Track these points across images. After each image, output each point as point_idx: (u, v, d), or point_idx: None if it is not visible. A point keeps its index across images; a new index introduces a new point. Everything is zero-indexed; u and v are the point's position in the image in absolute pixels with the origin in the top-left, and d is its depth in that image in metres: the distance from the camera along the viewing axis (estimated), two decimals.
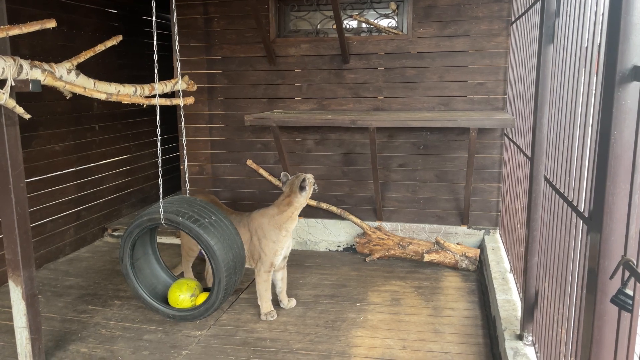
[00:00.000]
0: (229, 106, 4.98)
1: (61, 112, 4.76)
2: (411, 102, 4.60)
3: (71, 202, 4.93)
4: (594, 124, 1.85)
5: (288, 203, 3.52)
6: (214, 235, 3.07)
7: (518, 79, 3.78)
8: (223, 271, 3.06)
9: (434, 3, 4.40)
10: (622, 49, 1.49)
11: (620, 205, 1.54)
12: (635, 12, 1.47)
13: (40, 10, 4.45)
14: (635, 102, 1.47)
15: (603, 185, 1.58)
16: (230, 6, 4.79)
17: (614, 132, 1.52)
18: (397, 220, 4.84)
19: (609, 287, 1.60)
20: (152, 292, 3.44)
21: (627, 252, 1.50)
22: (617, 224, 1.56)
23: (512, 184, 3.88)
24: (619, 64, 1.50)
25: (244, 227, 3.61)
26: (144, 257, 3.53)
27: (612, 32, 1.54)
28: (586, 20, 2.05)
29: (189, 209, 3.15)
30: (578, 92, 2.11)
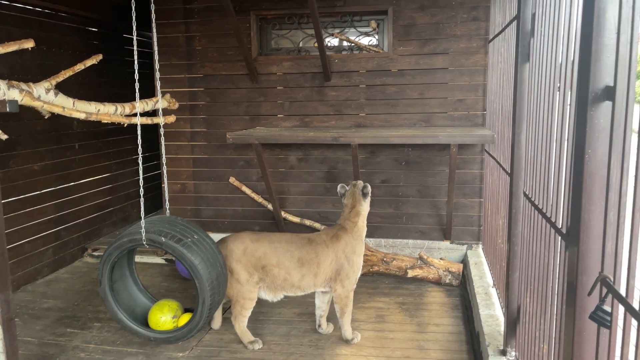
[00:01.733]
0: (211, 124, 4.97)
1: (40, 131, 4.70)
2: (392, 118, 4.65)
3: (50, 222, 4.84)
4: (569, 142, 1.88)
5: (356, 213, 3.41)
6: (197, 254, 3.04)
7: (497, 96, 3.85)
8: (207, 290, 3.03)
9: (414, 22, 4.47)
10: (594, 69, 1.52)
11: (596, 223, 1.57)
12: (606, 34, 1.51)
13: (19, 29, 4.41)
14: (608, 121, 1.50)
15: (579, 203, 1.61)
16: (212, 25, 4.80)
17: (588, 151, 1.56)
18: (380, 236, 4.85)
19: (587, 304, 1.61)
20: (131, 315, 3.38)
21: (604, 268, 1.53)
22: (593, 241, 1.59)
23: (493, 199, 3.92)
24: (592, 84, 1.54)
25: (324, 250, 3.29)
26: (122, 279, 3.48)
27: (584, 53, 1.58)
28: (559, 40, 2.10)
29: (171, 229, 3.12)
30: (553, 110, 2.16)
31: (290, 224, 4.96)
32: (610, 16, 1.49)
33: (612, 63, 1.48)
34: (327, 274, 3.29)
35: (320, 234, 3.41)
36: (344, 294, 3.33)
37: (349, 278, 3.33)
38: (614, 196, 1.47)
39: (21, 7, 4.42)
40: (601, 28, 1.50)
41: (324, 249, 3.29)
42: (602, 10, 1.49)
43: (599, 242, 1.57)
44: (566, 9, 2.02)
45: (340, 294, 3.33)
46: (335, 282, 3.32)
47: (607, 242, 1.51)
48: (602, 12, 1.49)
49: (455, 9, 4.39)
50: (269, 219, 5.02)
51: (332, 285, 3.34)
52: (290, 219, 4.91)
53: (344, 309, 3.36)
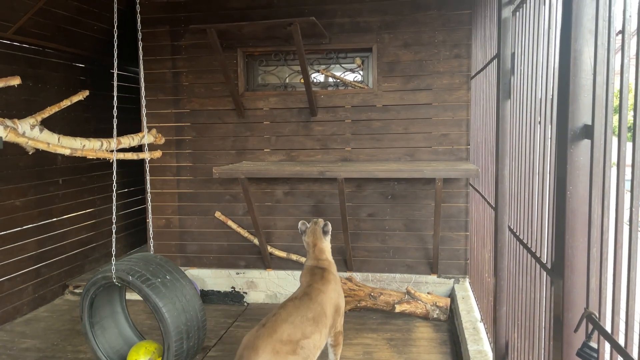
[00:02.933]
0: (197, 158, 4.97)
1: (23, 167, 4.66)
2: (378, 152, 4.69)
3: (30, 259, 4.74)
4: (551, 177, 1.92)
5: (320, 250, 3.38)
6: (164, 296, 2.91)
7: (480, 131, 3.92)
8: (172, 336, 2.88)
9: (397, 59, 4.57)
10: (572, 108, 1.57)
11: (579, 258, 1.58)
12: (583, 75, 1.57)
13: (5, 65, 4.41)
14: (588, 159, 1.54)
15: (562, 239, 1.63)
16: (199, 61, 4.86)
17: (569, 187, 1.59)
18: (367, 270, 4.82)
19: (574, 340, 1.61)
20: (117, 354, 3.28)
21: (589, 304, 1.53)
22: (578, 276, 1.60)
23: (479, 232, 3.94)
24: (570, 122, 1.58)
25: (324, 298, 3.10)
26: (112, 315, 3.39)
27: (562, 93, 1.63)
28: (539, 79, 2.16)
29: (142, 267, 3.03)
30: (535, 146, 2.20)
31: (276, 258, 4.92)
32: (586, 57, 1.54)
33: (589, 103, 1.53)
34: (330, 319, 3.11)
35: (312, 284, 3.17)
36: (341, 330, 3.28)
37: (342, 315, 3.29)
38: (596, 232, 1.49)
39: (8, 43, 4.44)
40: (578, 69, 1.55)
41: (324, 297, 3.10)
42: (578, 52, 1.55)
43: (583, 277, 1.58)
44: (544, 49, 2.09)
45: (338, 333, 3.24)
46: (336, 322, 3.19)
47: (591, 277, 1.53)
48: (578, 53, 1.55)
49: (437, 46, 4.51)
50: (255, 254, 4.97)
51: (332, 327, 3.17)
52: (276, 253, 4.87)
53: (340, 346, 3.28)
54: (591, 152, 1.50)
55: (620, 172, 1.36)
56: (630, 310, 1.30)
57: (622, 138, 1.35)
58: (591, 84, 1.53)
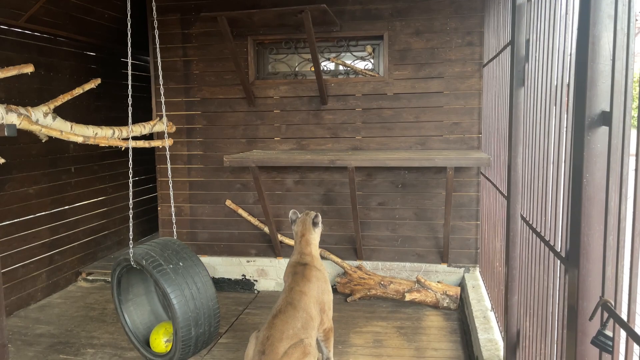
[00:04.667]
0: (208, 147, 4.98)
1: (36, 155, 4.70)
2: (389, 141, 4.67)
3: (44, 246, 4.80)
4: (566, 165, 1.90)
5: (307, 242, 3.34)
6: (173, 282, 2.94)
7: (492, 119, 3.88)
8: (179, 322, 2.92)
9: (409, 46, 4.54)
10: (589, 95, 1.55)
11: (595, 247, 1.57)
12: (601, 60, 1.54)
13: (17, 53, 4.44)
14: (605, 146, 1.52)
15: (578, 227, 1.61)
16: (210, 49, 4.85)
17: (586, 175, 1.57)
18: (377, 259, 4.83)
19: (588, 328, 1.60)
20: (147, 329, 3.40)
21: (605, 292, 1.52)
22: (593, 265, 1.59)
23: (490, 221, 3.92)
24: (588, 109, 1.56)
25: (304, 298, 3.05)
26: (146, 294, 3.51)
27: (579, 79, 1.60)
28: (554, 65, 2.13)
29: (158, 253, 3.06)
30: (550, 133, 2.18)
31: (286, 247, 4.93)
32: (605, 43, 1.51)
33: (607, 89, 1.51)
34: (317, 318, 3.09)
35: (293, 287, 3.10)
36: (330, 326, 3.23)
37: (330, 308, 3.24)
38: (613, 220, 1.47)
39: (20, 31, 4.46)
40: (596, 54, 1.53)
41: (307, 300, 3.05)
42: (596, 37, 1.52)
43: (599, 265, 1.57)
44: (560, 35, 2.06)
45: (328, 329, 3.23)
46: (322, 319, 3.17)
47: (607, 266, 1.51)
48: (596, 39, 1.52)
49: (449, 34, 4.46)
50: (266, 242, 4.99)
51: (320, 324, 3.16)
52: (287, 242, 4.89)
53: (331, 340, 3.27)
54: (609, 139, 1.48)
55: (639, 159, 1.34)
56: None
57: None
58: (610, 70, 1.50)
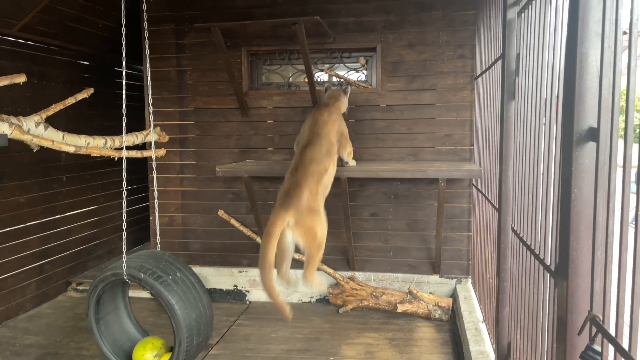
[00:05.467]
0: (200, 156, 4.97)
1: (28, 163, 4.67)
2: (381, 152, 4.69)
3: (34, 256, 4.76)
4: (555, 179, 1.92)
5: (335, 99, 4.00)
6: (176, 293, 2.97)
7: (483, 131, 3.92)
8: (184, 332, 2.94)
9: (402, 59, 4.57)
10: (577, 111, 1.57)
11: (584, 261, 1.58)
12: (589, 77, 1.56)
13: (10, 62, 4.43)
14: (593, 162, 1.54)
15: (567, 241, 1.63)
16: (204, 59, 4.87)
17: (574, 190, 1.58)
18: (369, 269, 4.82)
19: (577, 342, 1.61)
20: (118, 350, 3.31)
21: (593, 307, 1.53)
22: (582, 279, 1.60)
23: (481, 233, 3.94)
24: (576, 125, 1.58)
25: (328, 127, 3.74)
26: (114, 312, 3.42)
27: (568, 95, 1.63)
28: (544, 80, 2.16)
29: (153, 265, 3.07)
30: (539, 147, 2.20)
31: None
32: (592, 60, 1.54)
33: (595, 105, 1.53)
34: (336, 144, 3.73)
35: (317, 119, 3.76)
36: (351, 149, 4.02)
37: (348, 138, 3.96)
38: (600, 235, 1.49)
39: (13, 40, 4.46)
40: (584, 71, 1.55)
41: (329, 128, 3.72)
42: (584, 54, 1.55)
43: (587, 280, 1.58)
44: (549, 51, 2.09)
45: (349, 150, 3.99)
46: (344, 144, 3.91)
47: (595, 280, 1.53)
48: (584, 56, 1.55)
49: (442, 46, 4.51)
50: (258, 252, 4.97)
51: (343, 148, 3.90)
52: None
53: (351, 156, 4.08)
54: (597, 154, 1.50)
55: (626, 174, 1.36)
56: (634, 314, 1.30)
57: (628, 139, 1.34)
58: (597, 87, 1.53)
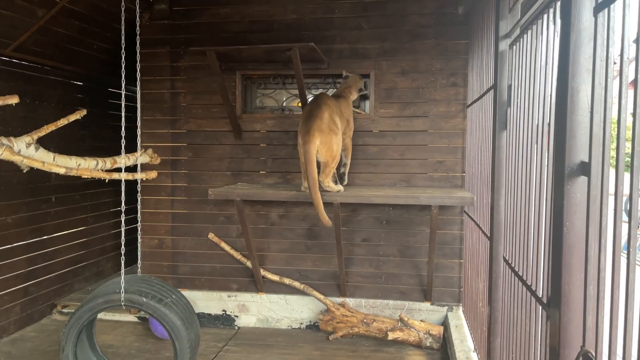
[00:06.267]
0: (192, 179, 4.95)
1: (16, 183, 4.62)
2: (373, 178, 4.70)
3: (19, 278, 4.67)
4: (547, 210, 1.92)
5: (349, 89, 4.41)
6: (177, 314, 2.95)
7: (475, 159, 3.94)
8: (187, 352, 2.92)
9: (394, 86, 4.62)
10: (569, 145, 1.58)
11: (576, 295, 1.58)
12: (580, 112, 1.58)
13: (3, 81, 4.41)
14: (584, 196, 1.54)
15: (559, 274, 1.62)
16: (198, 82, 4.89)
17: (566, 223, 1.59)
18: (360, 295, 4.78)
19: None
20: None
21: (586, 342, 1.52)
22: (574, 313, 1.59)
23: (473, 261, 3.93)
24: (567, 159, 1.59)
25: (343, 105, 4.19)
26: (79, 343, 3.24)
27: (559, 129, 1.64)
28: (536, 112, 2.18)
29: (149, 288, 3.03)
30: (531, 178, 2.21)
31: (269, 282, 4.87)
32: (583, 96, 1.56)
33: (586, 140, 1.54)
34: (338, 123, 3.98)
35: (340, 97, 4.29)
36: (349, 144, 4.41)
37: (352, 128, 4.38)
38: (592, 270, 1.49)
39: (7, 60, 4.45)
40: (575, 106, 1.57)
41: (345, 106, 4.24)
42: (575, 89, 1.57)
43: (580, 314, 1.58)
44: (541, 84, 2.12)
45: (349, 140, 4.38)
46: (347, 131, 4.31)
47: (588, 315, 1.52)
48: (575, 91, 1.57)
49: (434, 74, 4.56)
50: (248, 277, 4.93)
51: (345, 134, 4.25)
52: (269, 277, 4.83)
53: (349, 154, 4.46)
54: (588, 189, 1.51)
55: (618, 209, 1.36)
56: (627, 351, 1.29)
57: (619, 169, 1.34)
58: (588, 122, 1.54)
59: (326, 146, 3.80)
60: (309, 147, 3.71)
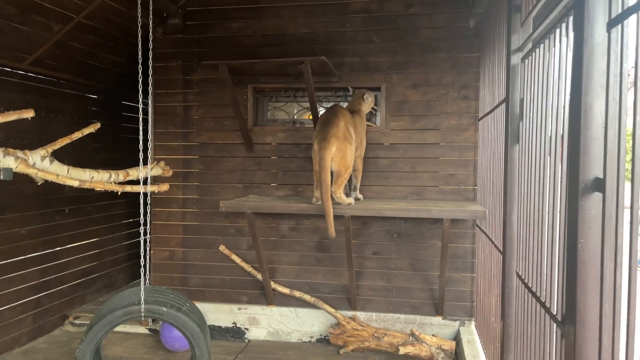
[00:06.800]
0: (204, 191, 4.97)
1: (30, 195, 4.67)
2: (384, 190, 4.68)
3: (32, 289, 4.70)
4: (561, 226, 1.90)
5: (359, 102, 4.39)
6: (195, 321, 2.97)
7: (487, 172, 3.91)
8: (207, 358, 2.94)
9: (405, 99, 4.62)
10: (583, 161, 1.56)
11: (591, 314, 1.55)
12: (594, 127, 1.57)
13: (18, 94, 4.48)
14: (599, 212, 1.52)
15: (574, 292, 1.60)
16: (210, 95, 4.93)
17: (580, 240, 1.56)
18: (371, 309, 4.75)
19: None
20: None
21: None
22: (589, 333, 1.56)
23: (485, 275, 3.88)
24: (581, 174, 1.57)
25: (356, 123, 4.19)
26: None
27: (573, 145, 1.62)
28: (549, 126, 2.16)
29: (165, 298, 3.05)
30: (544, 193, 2.19)
31: (279, 295, 4.85)
32: (597, 111, 1.54)
33: (600, 156, 1.52)
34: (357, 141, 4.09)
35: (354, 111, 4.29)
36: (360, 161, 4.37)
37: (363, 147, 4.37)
38: (608, 288, 1.46)
39: (22, 73, 4.53)
40: (589, 121, 1.56)
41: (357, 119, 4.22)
42: (589, 105, 1.55)
43: (595, 333, 1.55)
44: (553, 98, 2.10)
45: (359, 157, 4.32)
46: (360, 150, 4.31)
47: (604, 334, 1.49)
48: (589, 107, 1.55)
49: (446, 87, 4.56)
50: (258, 289, 4.92)
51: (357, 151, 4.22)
52: (280, 290, 4.81)
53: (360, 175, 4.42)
54: (603, 205, 1.49)
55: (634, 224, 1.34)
56: None
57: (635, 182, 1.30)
58: (602, 137, 1.53)
59: (341, 153, 3.84)
60: (324, 154, 3.75)
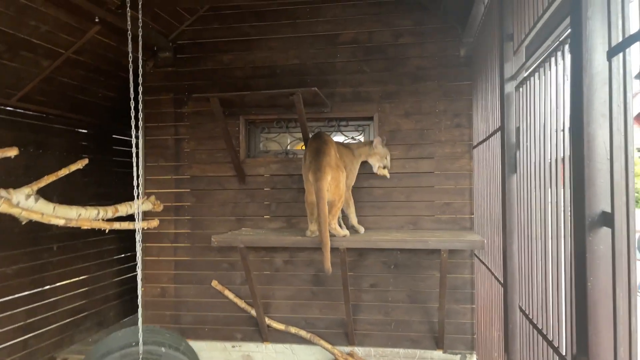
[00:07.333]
0: (195, 225, 4.87)
1: (18, 232, 4.54)
2: (380, 220, 4.60)
3: (19, 330, 4.53)
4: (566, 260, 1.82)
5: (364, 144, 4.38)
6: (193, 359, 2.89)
7: (484, 200, 3.85)
8: None
9: (398, 127, 4.58)
10: (588, 194, 1.50)
11: (605, 357, 1.46)
12: (598, 159, 1.50)
13: (7, 131, 4.40)
14: (609, 248, 1.45)
15: (585, 333, 1.51)
16: (201, 128, 4.87)
17: (590, 278, 1.48)
18: (369, 344, 4.60)
19: None
20: None
21: None
22: None
23: (486, 307, 3.78)
24: (587, 208, 1.50)
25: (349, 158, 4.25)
26: None
27: (577, 178, 1.56)
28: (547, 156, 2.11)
29: (162, 337, 2.96)
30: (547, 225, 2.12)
31: (274, 331, 4.71)
32: (600, 142, 1.49)
33: (607, 189, 1.46)
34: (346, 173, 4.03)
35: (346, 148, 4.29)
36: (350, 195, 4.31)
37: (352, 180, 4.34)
38: (623, 330, 1.37)
39: (11, 110, 4.46)
40: (592, 153, 1.49)
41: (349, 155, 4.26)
42: (591, 136, 1.50)
43: None
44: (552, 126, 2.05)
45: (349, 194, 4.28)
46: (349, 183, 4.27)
47: None
48: (592, 137, 1.50)
49: (438, 116, 4.53)
50: (252, 326, 4.77)
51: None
52: (274, 325, 4.67)
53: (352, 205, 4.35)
54: (612, 241, 1.41)
55: None
56: None
57: None
58: (608, 169, 1.46)
59: (335, 182, 3.80)
60: (321, 184, 3.68)
